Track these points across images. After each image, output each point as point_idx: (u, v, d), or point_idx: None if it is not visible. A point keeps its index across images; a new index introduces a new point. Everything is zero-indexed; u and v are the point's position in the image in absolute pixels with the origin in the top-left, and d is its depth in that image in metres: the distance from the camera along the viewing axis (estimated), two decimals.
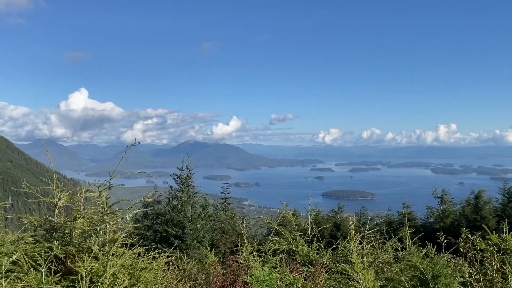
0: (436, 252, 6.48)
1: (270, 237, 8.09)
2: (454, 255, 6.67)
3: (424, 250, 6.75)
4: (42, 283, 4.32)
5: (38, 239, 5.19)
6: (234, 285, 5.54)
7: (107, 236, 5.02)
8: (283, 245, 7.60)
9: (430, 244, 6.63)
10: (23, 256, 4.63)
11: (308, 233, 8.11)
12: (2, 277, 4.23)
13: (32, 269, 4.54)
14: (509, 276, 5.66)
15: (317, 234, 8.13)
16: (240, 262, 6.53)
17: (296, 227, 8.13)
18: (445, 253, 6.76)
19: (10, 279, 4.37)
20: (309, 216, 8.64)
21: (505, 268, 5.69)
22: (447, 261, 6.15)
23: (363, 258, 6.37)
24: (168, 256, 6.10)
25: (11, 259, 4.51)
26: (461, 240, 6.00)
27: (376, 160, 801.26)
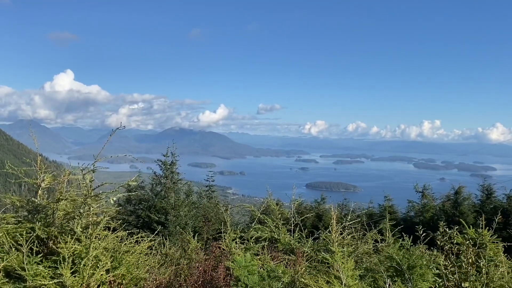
0: (412, 244, 6.64)
1: (253, 225, 8.17)
2: (431, 247, 6.85)
3: (400, 241, 6.91)
4: (24, 263, 4.32)
5: (20, 219, 5.17)
6: (216, 270, 5.60)
7: (90, 219, 5.03)
8: (265, 233, 7.69)
9: (406, 236, 6.79)
10: (5, 236, 4.62)
11: (291, 223, 8.21)
12: None
13: (13, 249, 4.53)
14: (483, 269, 5.84)
15: (300, 223, 8.24)
16: (223, 249, 6.59)
17: (279, 216, 8.23)
18: (422, 245, 6.93)
19: None
20: (292, 205, 8.74)
21: (479, 261, 5.87)
22: (422, 253, 6.31)
23: (344, 248, 6.49)
24: (150, 241, 6.13)
25: None
26: (439, 233, 6.16)
27: (360, 153, 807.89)
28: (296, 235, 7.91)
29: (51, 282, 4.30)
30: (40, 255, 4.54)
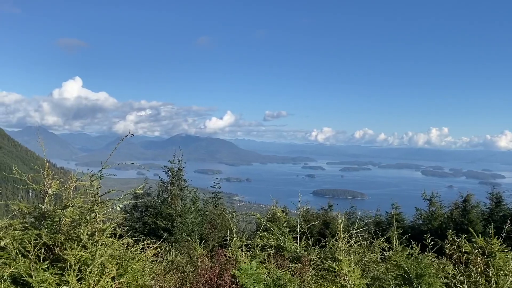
0: (420, 252, 6.57)
1: (259, 232, 8.14)
2: (439, 256, 6.77)
3: (408, 250, 6.84)
4: (30, 269, 4.32)
5: (27, 226, 5.18)
6: (222, 278, 5.58)
7: (97, 226, 5.03)
8: (271, 241, 7.65)
9: (414, 243, 6.72)
10: (12, 243, 4.63)
11: (297, 230, 8.17)
12: None
13: (20, 255, 4.54)
14: (493, 279, 5.76)
15: (306, 231, 8.19)
16: (228, 256, 6.57)
17: (285, 223, 8.19)
18: (430, 253, 6.85)
19: None
20: (298, 213, 8.70)
21: (489, 270, 5.79)
22: (431, 261, 6.24)
23: (350, 256, 6.44)
24: (156, 248, 6.12)
25: None
26: (447, 242, 6.09)
27: (367, 160, 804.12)
28: (303, 243, 7.86)
29: None
30: (47, 261, 4.54)
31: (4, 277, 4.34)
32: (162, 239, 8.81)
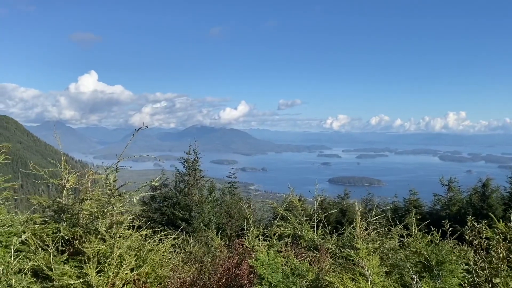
0: (441, 239, 6.47)
1: (275, 221, 8.13)
2: (459, 242, 6.66)
3: (429, 237, 6.74)
4: (50, 262, 4.39)
5: (46, 220, 5.27)
6: (240, 268, 5.59)
7: (114, 218, 5.08)
8: (288, 230, 7.63)
9: (434, 229, 6.61)
10: (32, 236, 4.71)
11: (314, 219, 8.13)
12: (11, 256, 4.30)
13: (40, 249, 4.61)
14: None
15: (323, 219, 8.15)
16: (246, 246, 6.58)
17: (302, 212, 8.16)
18: (450, 239, 6.75)
19: (19, 258, 4.45)
20: (315, 201, 8.66)
21: (511, 256, 5.67)
22: (452, 247, 6.14)
23: (368, 244, 6.38)
24: (174, 239, 6.16)
25: (20, 239, 4.59)
26: (467, 228, 5.99)
27: (383, 146, 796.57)
28: (320, 231, 7.83)
29: (77, 282, 4.36)
30: (66, 254, 4.61)
31: (25, 270, 4.42)
32: (180, 229, 8.88)
